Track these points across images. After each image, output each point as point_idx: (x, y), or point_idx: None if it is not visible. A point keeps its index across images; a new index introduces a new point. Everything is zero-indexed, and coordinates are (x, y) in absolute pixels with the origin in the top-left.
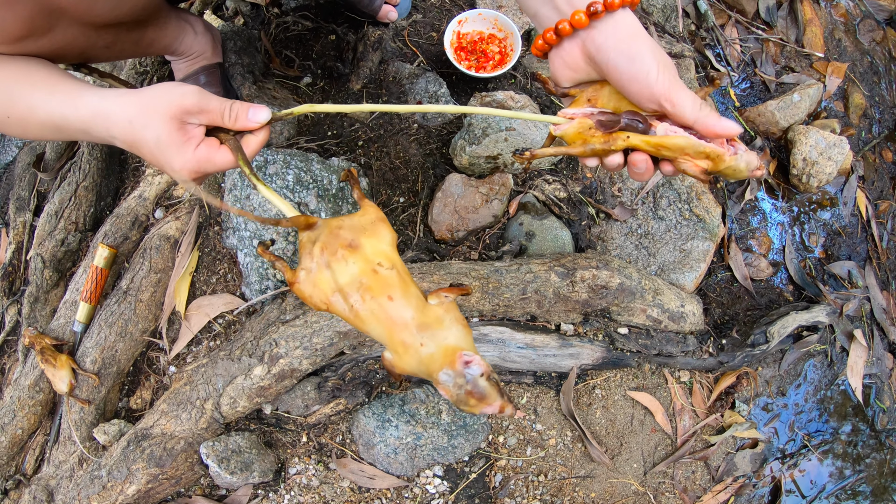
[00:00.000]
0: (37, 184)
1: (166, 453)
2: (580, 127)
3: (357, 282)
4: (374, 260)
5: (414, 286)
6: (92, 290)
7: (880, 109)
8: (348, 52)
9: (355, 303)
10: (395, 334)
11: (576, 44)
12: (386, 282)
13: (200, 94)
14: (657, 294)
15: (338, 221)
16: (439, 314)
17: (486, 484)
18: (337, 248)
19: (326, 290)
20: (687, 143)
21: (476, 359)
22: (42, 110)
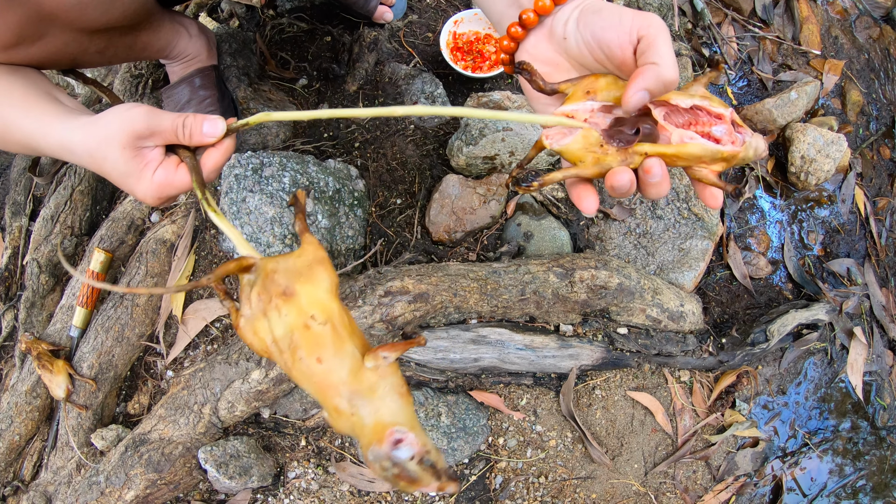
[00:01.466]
0: (32, 188)
1: (164, 458)
2: (585, 141)
3: (288, 337)
4: (307, 312)
5: (351, 343)
6: (88, 294)
7: (877, 106)
8: (344, 54)
9: (286, 361)
10: (327, 398)
11: (542, 34)
12: (316, 340)
13: (150, 115)
14: (656, 294)
15: (273, 263)
16: (372, 381)
17: (486, 486)
18: (271, 296)
19: (265, 340)
20: (703, 150)
21: (409, 438)
22: (17, 131)
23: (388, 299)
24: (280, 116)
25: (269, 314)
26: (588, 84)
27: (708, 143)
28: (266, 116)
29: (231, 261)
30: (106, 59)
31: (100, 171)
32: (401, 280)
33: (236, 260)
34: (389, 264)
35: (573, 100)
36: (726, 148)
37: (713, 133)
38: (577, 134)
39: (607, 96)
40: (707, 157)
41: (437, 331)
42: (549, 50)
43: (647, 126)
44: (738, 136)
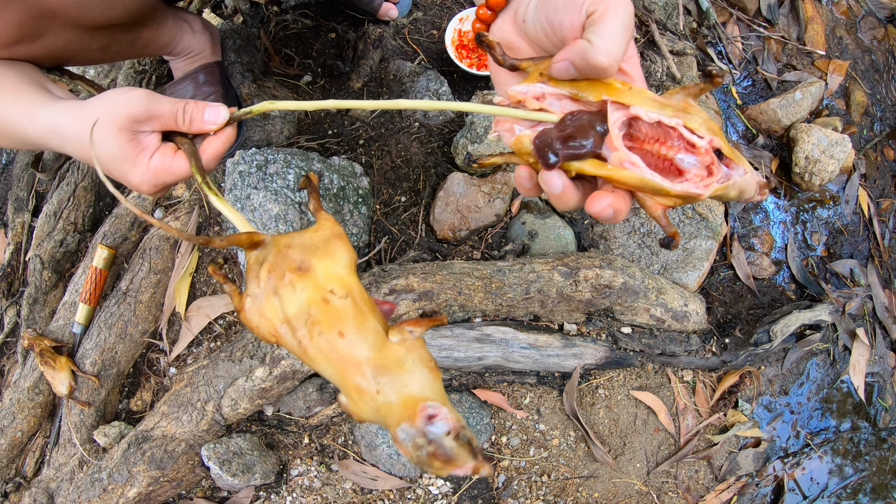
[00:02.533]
0: (35, 184)
1: (167, 455)
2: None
3: (305, 313)
4: (325, 286)
5: (373, 318)
6: (91, 291)
7: (882, 107)
8: (348, 51)
9: (303, 338)
10: (347, 377)
11: (508, 17)
12: (337, 314)
13: (149, 99)
14: (660, 293)
15: (287, 239)
16: (400, 355)
17: (488, 484)
18: (285, 272)
19: (274, 321)
20: (641, 182)
21: (443, 412)
22: (6, 122)
23: (393, 297)
24: (284, 105)
25: (280, 292)
26: (547, 65)
27: (651, 175)
28: (270, 105)
29: (243, 233)
30: (108, 56)
31: (87, 158)
32: (405, 278)
33: (248, 233)
34: (394, 262)
35: (528, 80)
36: (677, 187)
37: (678, 162)
38: (514, 136)
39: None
40: (648, 189)
41: (442, 329)
42: (513, 33)
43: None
44: (724, 170)
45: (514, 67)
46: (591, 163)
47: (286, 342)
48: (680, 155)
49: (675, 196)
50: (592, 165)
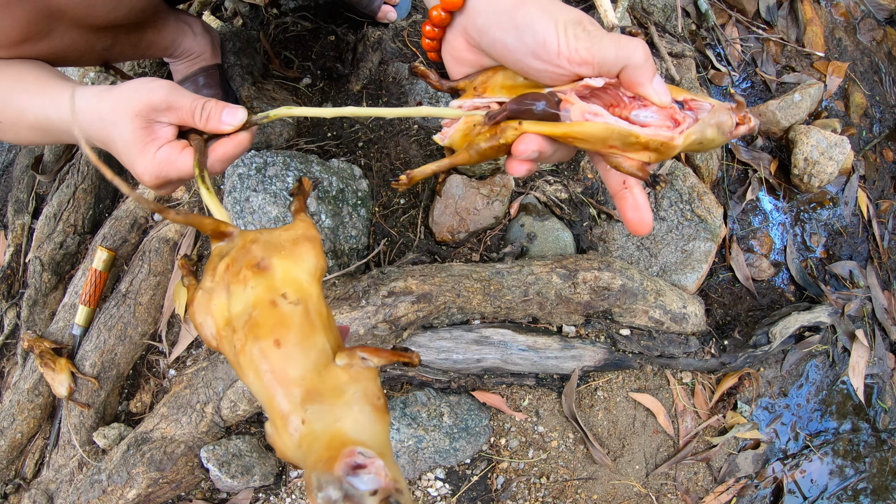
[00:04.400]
0: (35, 186)
1: (166, 457)
2: (466, 127)
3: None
4: (279, 289)
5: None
6: (91, 293)
7: (881, 109)
8: (348, 53)
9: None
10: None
11: (458, 33)
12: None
13: (171, 90)
14: (659, 295)
15: (254, 234)
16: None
17: (487, 486)
18: (241, 267)
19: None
20: (608, 131)
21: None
22: (30, 112)
23: (392, 300)
24: (302, 112)
25: (231, 288)
26: (482, 79)
27: (617, 121)
28: (288, 111)
29: (207, 217)
30: (111, 57)
31: (105, 139)
32: (404, 280)
33: (213, 219)
34: (393, 264)
35: (466, 97)
36: (645, 131)
37: (635, 119)
38: (459, 123)
39: (499, 91)
40: (616, 141)
41: (441, 331)
42: (468, 51)
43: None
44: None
45: (452, 90)
46: (546, 124)
47: (224, 348)
48: (635, 111)
49: (645, 144)
50: (549, 126)
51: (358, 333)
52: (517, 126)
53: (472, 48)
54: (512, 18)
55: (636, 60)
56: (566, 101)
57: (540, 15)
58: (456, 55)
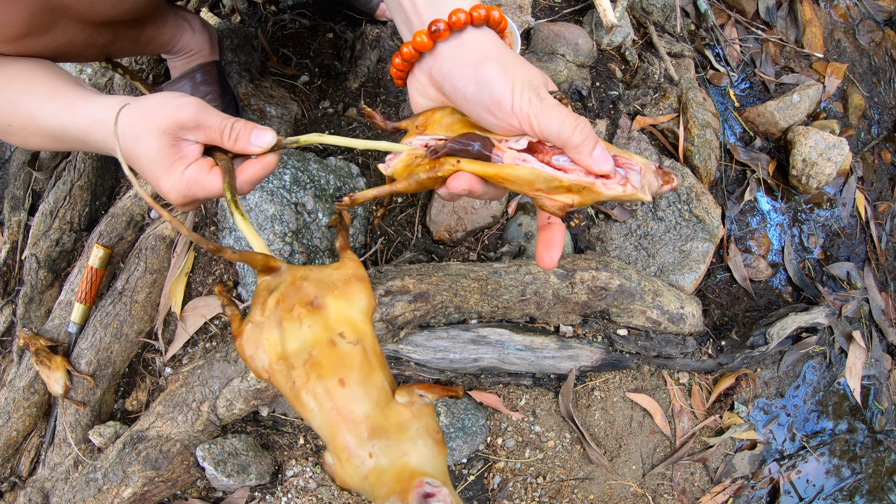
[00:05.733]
0: (32, 183)
1: (162, 456)
2: (408, 159)
3: (307, 352)
4: (335, 328)
5: (381, 373)
6: (87, 290)
7: (879, 110)
8: (346, 51)
9: (297, 379)
10: (339, 433)
11: (424, 71)
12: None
13: (199, 108)
14: (657, 295)
15: (304, 271)
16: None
17: (484, 486)
18: (294, 304)
19: (271, 355)
20: (534, 175)
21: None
22: (41, 118)
23: (389, 299)
24: (333, 140)
25: (284, 325)
26: (423, 119)
27: (543, 167)
28: (319, 138)
29: (260, 253)
30: (112, 52)
31: (126, 153)
32: (401, 279)
33: (264, 255)
34: (390, 263)
35: (408, 136)
36: (568, 176)
37: (554, 162)
38: (402, 155)
39: (439, 130)
40: (542, 184)
41: (437, 330)
42: (432, 88)
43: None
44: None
45: (395, 129)
46: (481, 163)
47: (278, 381)
48: (555, 157)
49: (567, 187)
50: (483, 165)
51: None
52: (455, 163)
53: (436, 88)
54: (474, 73)
55: (575, 142)
56: (498, 147)
57: (500, 75)
58: (420, 90)
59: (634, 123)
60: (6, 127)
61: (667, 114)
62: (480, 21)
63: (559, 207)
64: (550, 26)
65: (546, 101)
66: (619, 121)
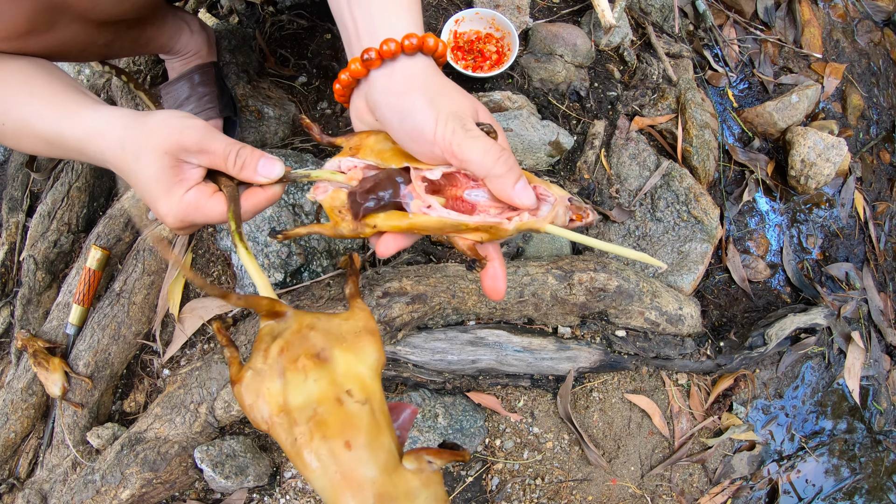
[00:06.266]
0: (30, 184)
1: (160, 458)
2: (332, 202)
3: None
4: (343, 385)
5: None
6: (85, 292)
7: (878, 111)
8: (344, 52)
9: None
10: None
11: (360, 96)
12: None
13: (205, 132)
14: (655, 296)
15: (311, 318)
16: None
17: (482, 487)
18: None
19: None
20: (441, 223)
21: None
22: (38, 122)
23: (387, 300)
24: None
25: (288, 376)
26: (357, 141)
27: (448, 213)
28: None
29: (265, 297)
30: (112, 51)
31: (122, 169)
32: (399, 281)
33: (269, 299)
34: (387, 264)
35: (341, 155)
36: (473, 219)
37: (468, 198)
38: (329, 191)
39: (370, 154)
40: (450, 228)
41: (436, 332)
42: (367, 113)
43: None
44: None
45: (331, 144)
46: (394, 216)
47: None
48: (468, 191)
49: (474, 228)
50: (396, 219)
51: None
52: (373, 227)
53: (371, 114)
54: (398, 102)
55: (496, 172)
56: (411, 186)
57: (424, 105)
58: (358, 114)
59: (633, 124)
60: (0, 126)
61: (665, 114)
62: (412, 49)
63: (469, 247)
64: (549, 27)
65: (470, 132)
66: (617, 121)
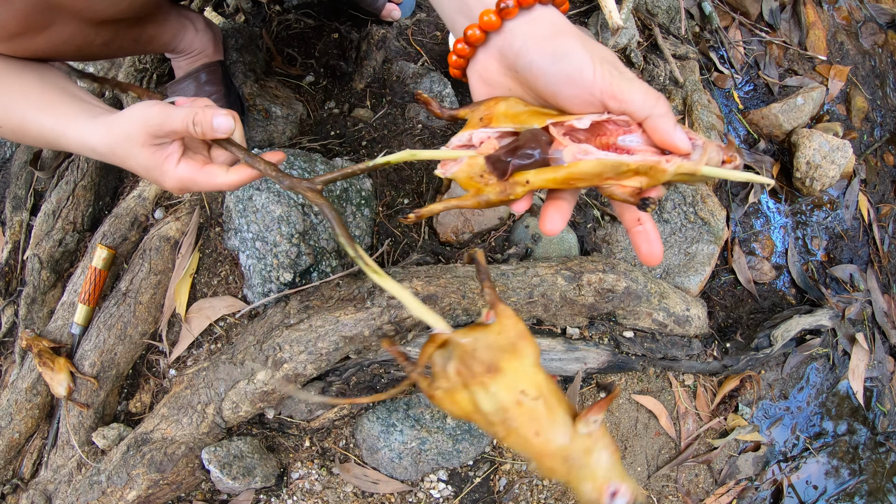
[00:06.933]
0: (34, 182)
1: (167, 458)
2: (469, 170)
3: (501, 414)
4: (517, 387)
5: (561, 409)
6: (90, 291)
7: (882, 113)
8: (351, 51)
9: (498, 431)
10: (543, 462)
11: (491, 54)
12: (531, 416)
13: (161, 112)
14: (663, 298)
15: (471, 341)
16: (588, 445)
17: (490, 488)
18: (475, 373)
19: (467, 408)
20: (601, 166)
21: (622, 488)
22: (34, 126)
23: (397, 301)
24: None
25: (472, 389)
26: (485, 110)
27: (606, 154)
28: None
29: (427, 344)
30: (111, 51)
31: (125, 167)
32: (409, 281)
33: (431, 341)
34: (397, 265)
35: (468, 127)
36: (633, 158)
37: (622, 143)
38: (463, 162)
39: (504, 121)
40: (610, 172)
41: None
42: (499, 73)
43: (528, 152)
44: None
45: (452, 118)
46: (547, 169)
47: (481, 424)
48: (621, 137)
49: (635, 170)
50: (551, 171)
51: (363, 335)
52: (525, 183)
53: (505, 70)
54: (551, 44)
55: (659, 112)
56: (557, 141)
57: (578, 46)
58: (486, 76)
59: None
60: None
61: None
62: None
63: (630, 193)
64: None
65: (626, 74)
66: None
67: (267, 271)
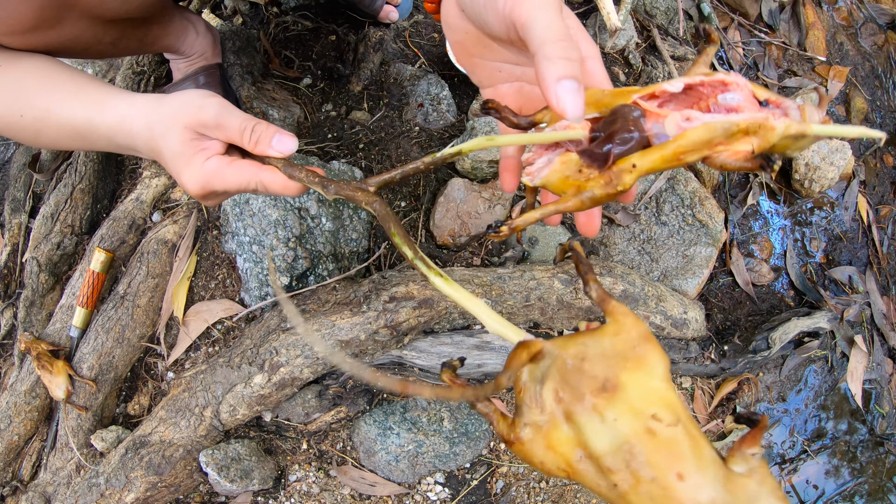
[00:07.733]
0: (32, 185)
1: (165, 461)
2: (564, 169)
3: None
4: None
5: (706, 444)
6: (88, 294)
7: (881, 114)
8: (349, 53)
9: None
10: None
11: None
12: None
13: (221, 108)
14: (660, 300)
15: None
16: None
17: (487, 491)
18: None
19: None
20: (709, 131)
21: None
22: (63, 113)
23: (393, 305)
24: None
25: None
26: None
27: (713, 117)
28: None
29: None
30: (118, 50)
31: (153, 149)
32: (405, 285)
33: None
34: (394, 268)
35: (551, 124)
36: (741, 117)
37: (722, 102)
38: (554, 162)
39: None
40: (720, 137)
41: (442, 336)
42: (456, 16)
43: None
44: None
45: (531, 124)
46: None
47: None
48: (721, 96)
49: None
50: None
51: (359, 339)
52: (632, 168)
53: (459, 11)
54: None
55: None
56: (650, 113)
57: None
58: (448, 20)
59: None
60: (17, 119)
61: None
62: None
63: (744, 158)
64: None
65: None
66: None
67: (263, 275)
